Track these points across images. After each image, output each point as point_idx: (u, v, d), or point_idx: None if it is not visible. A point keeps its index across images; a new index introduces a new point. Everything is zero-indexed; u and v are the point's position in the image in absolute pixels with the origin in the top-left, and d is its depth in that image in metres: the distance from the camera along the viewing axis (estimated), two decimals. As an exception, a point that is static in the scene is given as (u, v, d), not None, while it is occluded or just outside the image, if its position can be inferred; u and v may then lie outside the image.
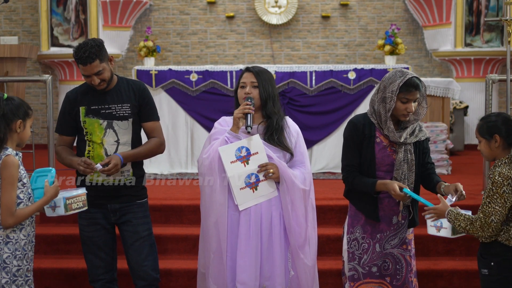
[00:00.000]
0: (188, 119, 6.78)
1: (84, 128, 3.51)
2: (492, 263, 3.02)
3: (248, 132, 3.27)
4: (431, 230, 3.19)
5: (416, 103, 3.21)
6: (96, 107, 3.50)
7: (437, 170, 6.64)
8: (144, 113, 3.60)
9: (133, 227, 3.60)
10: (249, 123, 3.23)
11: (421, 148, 3.33)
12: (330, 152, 6.70)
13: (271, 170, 3.25)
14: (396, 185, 3.13)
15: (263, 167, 3.26)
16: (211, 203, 3.30)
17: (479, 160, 6.49)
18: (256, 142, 3.28)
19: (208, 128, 6.54)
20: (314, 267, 3.40)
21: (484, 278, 3.09)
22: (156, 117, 3.66)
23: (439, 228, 3.15)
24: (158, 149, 3.65)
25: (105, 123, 3.49)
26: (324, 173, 6.67)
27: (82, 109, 3.51)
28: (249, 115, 3.25)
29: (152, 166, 6.65)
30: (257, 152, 3.28)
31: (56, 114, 3.73)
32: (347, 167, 3.32)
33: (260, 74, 3.36)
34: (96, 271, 3.64)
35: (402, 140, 3.22)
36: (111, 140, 3.49)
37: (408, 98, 3.15)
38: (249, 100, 3.30)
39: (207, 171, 3.30)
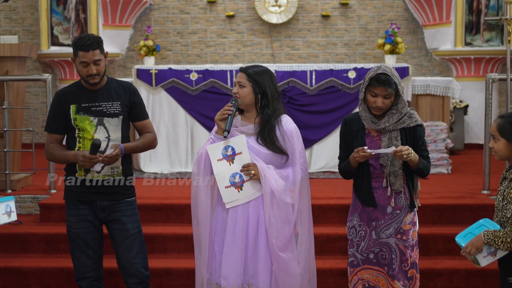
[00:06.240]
0: (188, 118, 6.77)
1: (75, 125, 3.55)
2: None
3: (225, 137, 3.30)
4: (486, 261, 2.99)
5: (389, 100, 3.27)
6: (87, 104, 3.55)
7: (437, 169, 6.63)
8: (136, 113, 3.69)
9: (122, 225, 3.64)
10: (226, 127, 3.27)
11: (411, 135, 3.35)
12: (330, 151, 6.70)
13: (252, 172, 3.29)
14: (358, 151, 3.22)
15: (245, 168, 3.31)
16: (197, 202, 3.40)
17: (479, 159, 6.48)
18: (241, 142, 3.33)
19: (208, 127, 6.54)
20: (306, 267, 3.41)
21: (510, 286, 2.96)
22: (146, 116, 3.77)
23: (495, 252, 2.97)
24: (153, 143, 3.77)
25: (96, 120, 3.54)
26: (324, 172, 6.67)
27: (72, 107, 3.55)
28: (228, 118, 3.29)
29: (152, 165, 6.65)
30: (241, 152, 3.33)
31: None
32: (338, 159, 3.52)
33: (251, 72, 3.37)
34: (84, 269, 3.66)
35: (382, 126, 3.31)
36: (102, 136, 3.53)
37: (375, 92, 3.26)
38: (233, 101, 3.34)
39: (195, 170, 3.40)
